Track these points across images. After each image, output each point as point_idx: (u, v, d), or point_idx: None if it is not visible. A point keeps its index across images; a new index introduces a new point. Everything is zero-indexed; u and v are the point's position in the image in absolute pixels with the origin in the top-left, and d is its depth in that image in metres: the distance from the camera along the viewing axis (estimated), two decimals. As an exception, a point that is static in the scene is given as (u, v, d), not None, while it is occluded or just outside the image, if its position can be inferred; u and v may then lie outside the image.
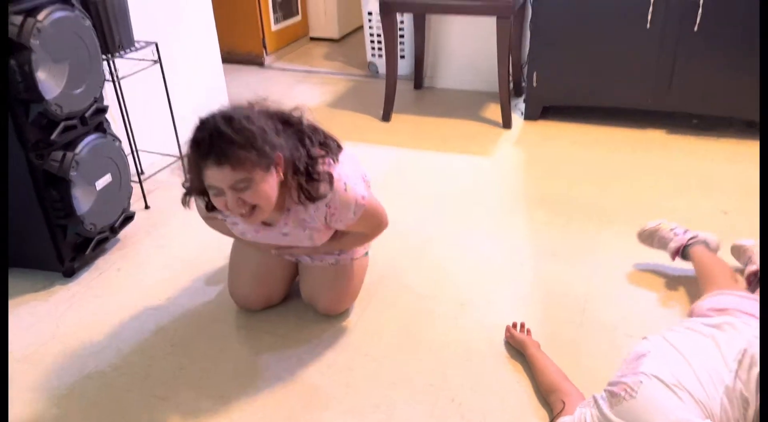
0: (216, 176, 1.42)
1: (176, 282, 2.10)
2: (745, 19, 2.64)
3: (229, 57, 4.00)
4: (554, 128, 3.13)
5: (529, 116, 3.21)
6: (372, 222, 1.71)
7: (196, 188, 1.55)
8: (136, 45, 2.40)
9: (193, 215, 2.46)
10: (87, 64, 1.99)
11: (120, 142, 2.20)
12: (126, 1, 2.29)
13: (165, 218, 2.48)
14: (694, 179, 2.60)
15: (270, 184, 1.47)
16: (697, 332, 1.48)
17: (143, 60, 2.46)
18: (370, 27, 3.85)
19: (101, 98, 2.10)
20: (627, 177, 2.65)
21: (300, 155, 1.51)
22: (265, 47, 4.20)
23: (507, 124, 3.13)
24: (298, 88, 3.85)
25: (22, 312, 1.98)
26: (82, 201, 2.02)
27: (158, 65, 2.48)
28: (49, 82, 1.83)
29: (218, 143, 1.38)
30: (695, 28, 2.71)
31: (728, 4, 2.63)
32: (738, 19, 2.65)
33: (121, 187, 2.21)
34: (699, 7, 2.66)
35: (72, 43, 1.91)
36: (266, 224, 1.67)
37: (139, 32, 2.42)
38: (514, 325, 1.80)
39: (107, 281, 2.12)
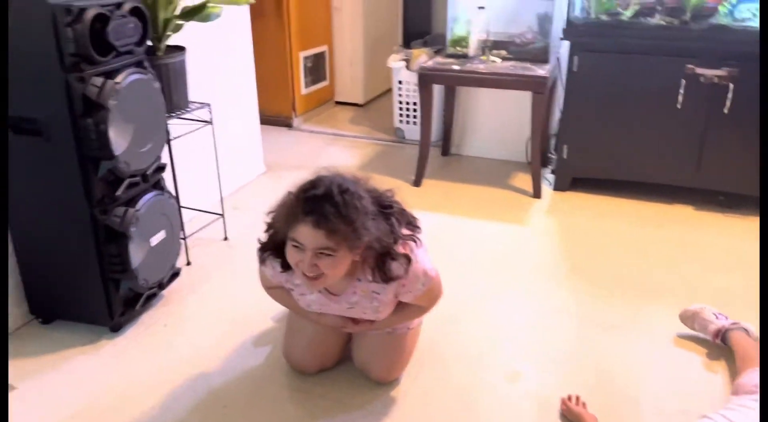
0: (307, 235, 1.45)
1: (224, 341, 2.10)
2: (773, 103, 2.76)
3: (260, 117, 4.10)
4: (583, 199, 3.21)
5: (558, 187, 3.29)
6: (434, 294, 1.74)
7: (273, 243, 1.57)
8: (191, 106, 2.48)
9: (235, 274, 2.49)
10: (154, 124, 2.06)
11: (175, 199, 2.24)
12: (185, 64, 2.39)
13: (206, 275, 2.50)
14: (725, 256, 2.65)
15: (347, 263, 1.53)
16: (750, 409, 1.53)
17: (196, 120, 2.53)
18: (400, 95, 3.98)
19: (160, 156, 2.16)
20: (660, 251, 2.69)
21: (385, 241, 1.54)
22: (294, 109, 4.32)
23: (537, 193, 3.21)
24: (328, 151, 3.94)
25: (70, 366, 1.97)
26: (138, 256, 2.04)
27: (209, 125, 2.55)
28: (120, 140, 1.89)
29: (326, 207, 1.42)
30: (725, 111, 2.82)
31: (757, 88, 2.75)
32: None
33: (173, 244, 2.24)
34: (729, 91, 2.78)
35: (143, 103, 1.98)
36: (333, 294, 1.69)
37: (191, 93, 2.51)
38: (570, 398, 1.81)
39: (154, 337, 2.12)
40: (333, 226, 1.43)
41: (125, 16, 1.87)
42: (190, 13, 2.29)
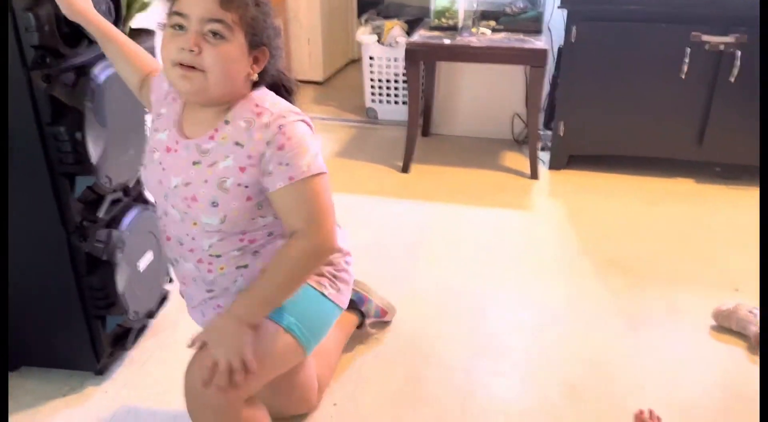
0: (193, 1, 1.11)
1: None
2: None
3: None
4: (582, 178, 3.04)
5: (554, 166, 3.11)
6: (313, 210, 1.20)
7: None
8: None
9: None
10: (133, 125, 1.70)
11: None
12: (155, 51, 2.02)
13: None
14: (738, 232, 2.55)
15: (238, 58, 1.15)
16: None
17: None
18: (371, 72, 3.67)
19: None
20: (672, 230, 2.57)
21: (284, 74, 1.29)
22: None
23: (535, 174, 3.01)
24: (297, 136, 3.60)
25: (55, 425, 1.63)
26: (126, 286, 1.70)
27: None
28: (100, 150, 1.53)
29: None
30: (732, 79, 2.70)
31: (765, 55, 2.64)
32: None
33: (160, 265, 1.91)
34: (736, 58, 2.65)
35: (121, 102, 1.62)
36: (186, 137, 1.25)
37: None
38: (642, 412, 1.63)
39: (151, 377, 1.79)
40: None
41: (96, -4, 1.50)
42: (162, -11, 1.91)
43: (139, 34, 1.96)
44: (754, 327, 1.91)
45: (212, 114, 1.22)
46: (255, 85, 1.24)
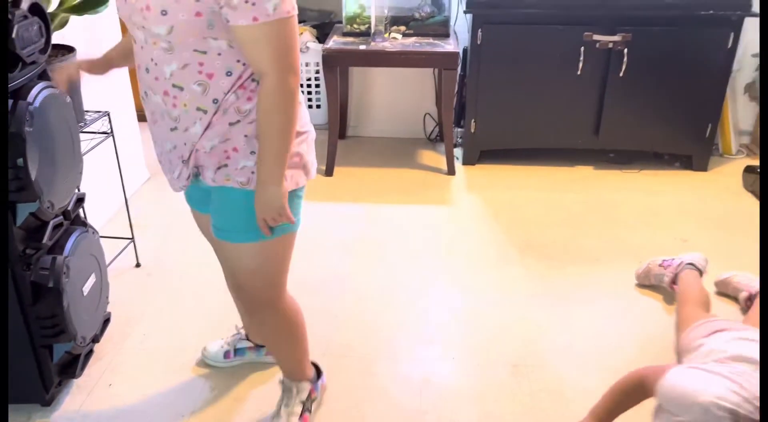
0: None
1: (185, 387, 1.81)
2: (663, 63, 2.96)
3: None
4: (495, 171, 3.23)
5: (468, 161, 3.29)
6: (278, 52, 1.21)
7: None
8: (87, 117, 2.06)
9: (163, 305, 2.25)
10: (69, 147, 1.66)
11: (97, 233, 1.85)
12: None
13: (133, 312, 2.13)
14: (641, 212, 2.83)
15: None
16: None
17: (95, 132, 2.11)
18: (283, 77, 3.68)
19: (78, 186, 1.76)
20: (583, 214, 2.81)
21: None
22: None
23: (451, 170, 3.17)
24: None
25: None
26: (73, 311, 1.66)
27: (110, 138, 2.15)
28: (41, 176, 1.49)
29: None
30: (621, 74, 2.98)
31: (650, 52, 2.93)
32: (657, 63, 2.96)
33: (102, 287, 1.86)
34: (624, 55, 2.93)
35: (57, 124, 1.58)
36: None
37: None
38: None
39: (103, 403, 1.76)
40: None
41: (27, 17, 1.45)
42: (83, 6, 1.86)
43: (60, 51, 1.92)
44: (667, 278, 2.19)
45: None
46: None
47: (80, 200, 1.75)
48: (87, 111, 2.07)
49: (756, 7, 2.90)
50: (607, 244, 2.57)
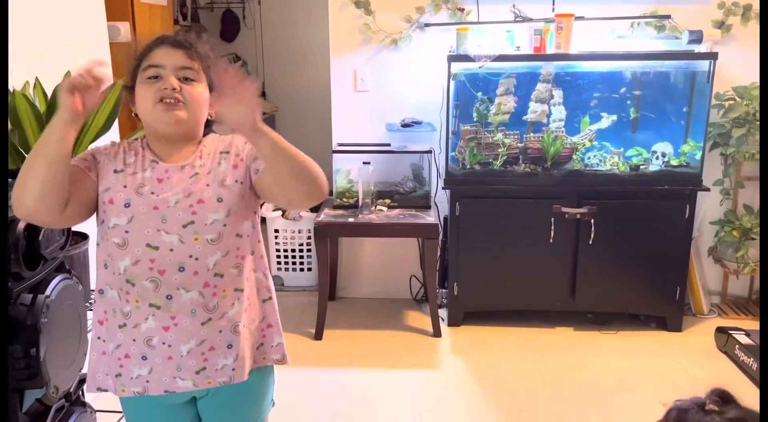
0: (165, 54, 1.35)
1: None
2: (628, 231, 3.21)
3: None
4: (478, 333, 3.36)
5: (452, 322, 3.42)
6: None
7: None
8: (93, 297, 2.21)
9: None
10: (77, 332, 1.79)
11: (95, 413, 1.93)
12: (88, 253, 2.15)
13: None
14: (621, 375, 2.93)
15: (204, 97, 1.39)
16: None
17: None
18: (277, 243, 3.93)
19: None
20: (564, 376, 2.90)
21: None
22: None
23: (437, 332, 3.30)
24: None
25: None
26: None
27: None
28: (51, 363, 1.61)
29: (181, 35, 1.37)
30: (590, 242, 3.22)
31: (615, 222, 3.20)
32: (623, 232, 3.22)
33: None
34: (592, 225, 3.19)
35: (69, 312, 1.73)
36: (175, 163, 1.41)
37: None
38: None
39: None
40: (194, 46, 1.37)
41: (54, 221, 1.66)
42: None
43: (74, 236, 2.11)
44: None
45: (187, 146, 1.41)
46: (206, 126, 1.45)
47: (82, 381, 1.85)
48: (93, 290, 2.23)
49: (707, 181, 3.22)
50: (588, 409, 2.64)
